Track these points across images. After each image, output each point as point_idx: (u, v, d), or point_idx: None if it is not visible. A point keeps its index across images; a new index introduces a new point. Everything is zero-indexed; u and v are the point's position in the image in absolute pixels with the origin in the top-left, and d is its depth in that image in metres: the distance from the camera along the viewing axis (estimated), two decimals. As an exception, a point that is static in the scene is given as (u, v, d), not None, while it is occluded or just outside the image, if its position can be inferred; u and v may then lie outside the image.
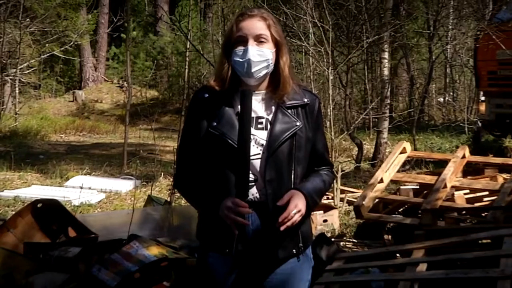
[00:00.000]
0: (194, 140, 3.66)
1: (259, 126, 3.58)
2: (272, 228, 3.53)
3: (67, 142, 24.15)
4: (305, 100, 3.67)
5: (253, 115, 3.55)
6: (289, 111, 3.63)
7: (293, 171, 3.60)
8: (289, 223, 3.42)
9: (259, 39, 3.55)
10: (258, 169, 3.55)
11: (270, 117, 3.60)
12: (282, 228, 3.42)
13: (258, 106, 3.61)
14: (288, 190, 3.53)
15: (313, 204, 3.61)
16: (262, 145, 3.55)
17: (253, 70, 3.53)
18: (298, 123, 3.62)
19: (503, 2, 14.74)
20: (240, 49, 3.54)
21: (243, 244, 3.53)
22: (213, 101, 3.62)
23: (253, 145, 3.54)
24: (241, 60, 3.53)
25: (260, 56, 3.53)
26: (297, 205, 3.44)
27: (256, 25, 3.57)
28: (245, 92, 3.50)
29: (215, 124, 3.56)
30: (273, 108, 3.62)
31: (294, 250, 3.65)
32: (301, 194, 3.50)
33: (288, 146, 3.58)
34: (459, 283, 6.74)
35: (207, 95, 3.66)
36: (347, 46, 17.30)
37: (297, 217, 3.43)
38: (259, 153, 3.55)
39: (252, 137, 3.53)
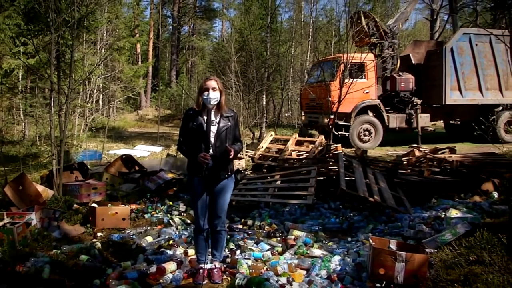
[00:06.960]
0: (185, 130, 3.58)
1: (213, 124, 3.51)
2: (217, 166, 3.53)
3: (134, 131, 23.42)
4: (231, 114, 3.61)
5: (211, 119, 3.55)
6: (225, 118, 3.56)
7: (227, 143, 3.55)
8: (231, 156, 3.47)
9: (214, 89, 3.50)
10: (212, 141, 3.50)
11: (217, 120, 3.54)
12: (231, 158, 3.50)
13: (212, 116, 3.54)
14: (225, 151, 3.49)
15: (234, 156, 3.60)
16: (213, 132, 3.50)
17: (212, 103, 3.50)
18: (229, 123, 3.56)
19: (311, 74, 14.83)
20: (206, 93, 3.48)
21: (207, 171, 3.49)
22: (194, 114, 3.55)
23: (211, 132, 3.51)
24: (206, 98, 3.48)
25: (214, 96, 3.49)
26: (231, 150, 3.46)
27: (212, 83, 3.51)
28: (208, 110, 3.54)
29: (194, 123, 3.51)
30: (218, 117, 3.55)
31: (226, 175, 3.59)
32: (232, 149, 3.48)
33: (225, 133, 3.52)
34: (293, 189, 6.80)
35: (191, 112, 3.58)
36: (249, 92, 17.35)
37: (233, 155, 3.49)
38: (213, 135, 3.50)
39: (210, 128, 3.52)
